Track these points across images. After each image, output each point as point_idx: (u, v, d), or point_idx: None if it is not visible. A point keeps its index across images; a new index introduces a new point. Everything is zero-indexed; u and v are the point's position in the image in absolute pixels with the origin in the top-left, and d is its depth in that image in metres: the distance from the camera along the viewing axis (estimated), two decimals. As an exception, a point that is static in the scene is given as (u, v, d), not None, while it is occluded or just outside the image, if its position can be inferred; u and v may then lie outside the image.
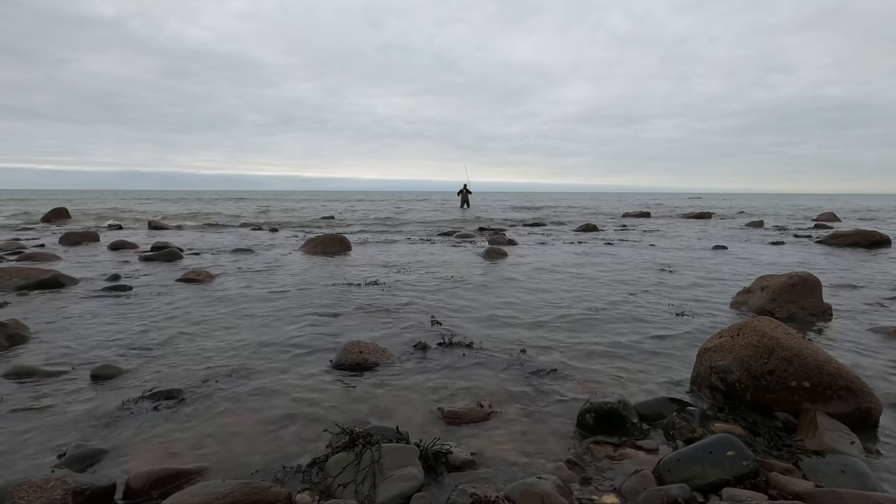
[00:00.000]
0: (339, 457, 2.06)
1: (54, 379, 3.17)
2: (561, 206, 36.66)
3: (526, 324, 4.50)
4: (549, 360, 3.54)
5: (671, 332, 4.24)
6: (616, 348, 3.82)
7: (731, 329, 2.98)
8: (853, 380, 2.55)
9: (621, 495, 1.96)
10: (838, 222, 20.46)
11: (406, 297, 5.63)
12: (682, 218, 23.93)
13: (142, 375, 3.24)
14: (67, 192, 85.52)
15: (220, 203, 38.39)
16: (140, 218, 20.62)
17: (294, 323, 4.51)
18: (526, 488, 1.89)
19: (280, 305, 5.18)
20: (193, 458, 2.26)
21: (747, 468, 1.98)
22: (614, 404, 2.55)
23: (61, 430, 2.52)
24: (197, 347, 3.80)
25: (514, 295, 5.75)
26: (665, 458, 2.10)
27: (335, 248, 9.97)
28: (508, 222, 19.79)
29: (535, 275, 7.21)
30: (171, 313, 4.82)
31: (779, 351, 2.64)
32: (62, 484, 1.85)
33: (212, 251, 9.94)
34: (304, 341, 3.97)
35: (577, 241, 12.44)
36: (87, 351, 3.71)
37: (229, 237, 13.20)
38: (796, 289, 4.85)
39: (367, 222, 19.51)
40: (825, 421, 2.40)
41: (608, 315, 4.82)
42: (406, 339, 4.01)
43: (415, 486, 1.96)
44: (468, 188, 30.18)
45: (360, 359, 3.44)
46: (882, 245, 10.78)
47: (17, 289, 5.64)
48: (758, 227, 17.91)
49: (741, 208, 33.90)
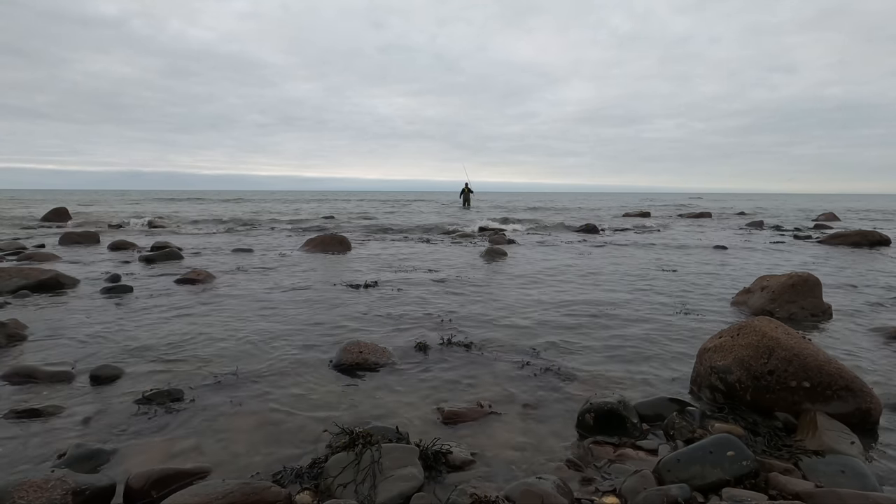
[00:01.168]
0: (339, 457, 2.06)
1: (54, 379, 3.16)
2: (561, 206, 36.65)
3: (525, 324, 4.50)
4: (548, 359, 3.54)
5: (671, 332, 4.24)
6: (616, 348, 3.82)
7: (731, 329, 2.98)
8: (853, 380, 2.55)
9: (621, 495, 1.96)
10: (838, 222, 20.46)
11: (406, 297, 5.63)
12: (682, 218, 23.93)
13: (142, 376, 3.24)
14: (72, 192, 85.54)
15: (220, 203, 38.39)
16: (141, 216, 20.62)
17: (294, 323, 4.51)
18: (526, 488, 1.89)
19: (280, 306, 5.18)
20: (193, 459, 2.26)
21: (747, 468, 1.98)
22: (614, 404, 2.55)
23: (61, 431, 2.52)
24: (197, 348, 3.80)
25: (513, 295, 5.75)
26: (665, 458, 2.10)
27: (335, 248, 9.97)
28: (508, 222, 19.79)
29: (534, 275, 7.21)
30: (171, 314, 4.82)
31: (779, 351, 2.63)
32: (62, 484, 1.85)
33: (212, 251, 9.94)
34: (303, 341, 3.97)
35: (577, 241, 12.44)
36: (87, 351, 3.71)
37: (229, 237, 13.20)
38: (796, 289, 4.85)
39: (368, 222, 19.50)
40: (825, 421, 2.40)
41: (608, 315, 4.82)
42: (406, 339, 4.01)
43: (415, 486, 1.96)
44: (469, 188, 30.71)
45: (360, 359, 3.44)
46: (882, 245, 10.79)
47: (17, 289, 5.63)
48: (758, 227, 17.91)
49: (741, 208, 33.88)
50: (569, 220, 21.63)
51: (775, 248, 10.88)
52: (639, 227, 17.80)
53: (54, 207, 20.32)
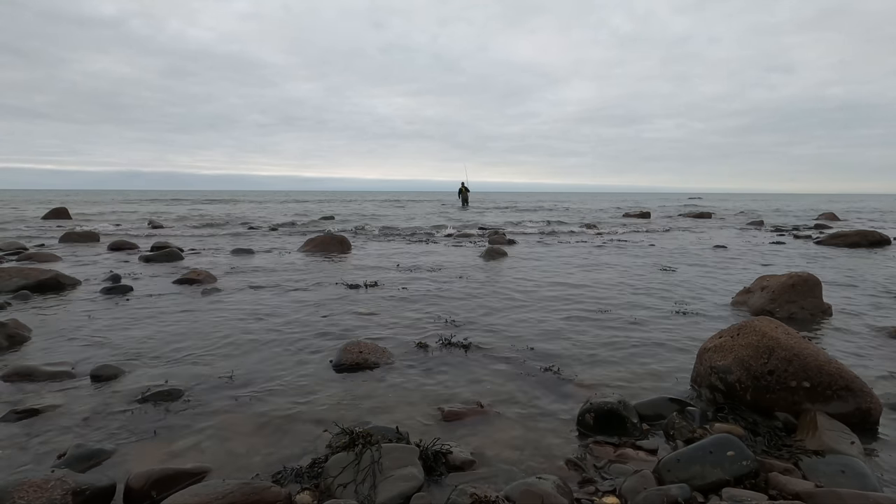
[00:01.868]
0: (339, 457, 2.06)
1: (54, 379, 3.16)
2: (561, 206, 36.67)
3: (525, 324, 4.50)
4: (548, 359, 3.54)
5: (671, 332, 4.24)
6: (615, 348, 3.82)
7: (731, 329, 2.98)
8: (853, 380, 2.55)
9: (621, 495, 1.96)
10: (838, 222, 20.47)
11: (406, 296, 5.63)
12: (682, 218, 23.93)
13: (142, 376, 3.24)
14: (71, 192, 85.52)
15: (220, 203, 38.39)
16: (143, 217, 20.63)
17: (294, 323, 4.51)
18: (526, 488, 1.89)
19: (280, 306, 5.18)
20: (193, 459, 2.26)
21: (747, 468, 1.98)
22: (614, 404, 2.55)
23: (61, 431, 2.52)
24: (196, 348, 3.80)
25: (513, 295, 5.75)
26: (665, 458, 2.10)
27: (335, 249, 9.97)
28: (509, 222, 19.79)
29: (534, 275, 7.21)
30: (171, 314, 4.82)
31: (779, 351, 2.63)
32: (62, 484, 1.85)
33: (212, 251, 9.94)
34: (303, 341, 3.97)
35: (577, 241, 12.44)
36: (88, 351, 3.71)
37: (229, 237, 13.19)
38: (796, 289, 4.85)
39: (368, 222, 19.50)
40: (825, 421, 2.40)
41: (608, 315, 4.82)
42: (406, 339, 4.01)
43: (415, 486, 1.96)
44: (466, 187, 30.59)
45: (360, 359, 3.44)
46: (882, 245, 10.78)
47: (17, 289, 5.63)
48: (758, 226, 17.92)
49: (742, 208, 33.90)
50: (569, 219, 21.64)
51: (775, 248, 10.88)
52: (639, 227, 17.80)
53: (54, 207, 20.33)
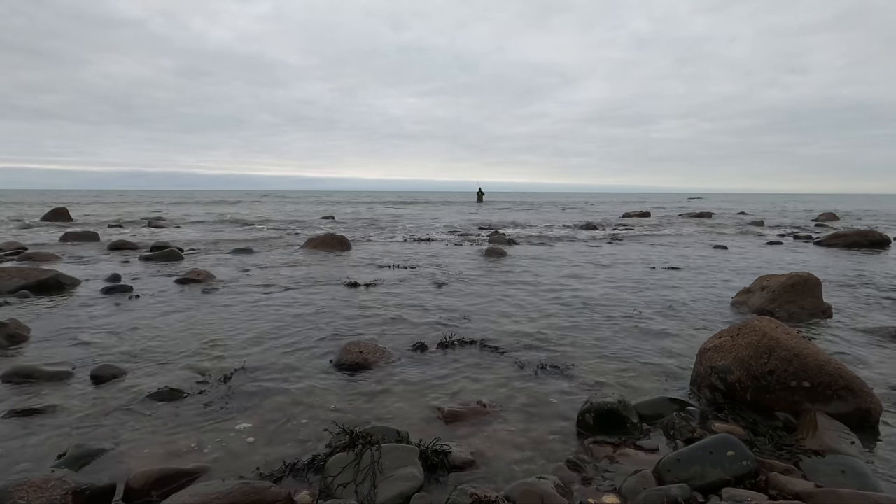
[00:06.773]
0: (339, 457, 2.06)
1: (54, 379, 3.16)
2: (562, 206, 36.66)
3: (525, 323, 4.50)
4: (548, 359, 3.54)
5: (671, 332, 4.24)
6: (616, 348, 3.82)
7: (731, 329, 2.98)
8: (853, 380, 2.55)
9: (621, 495, 1.96)
10: (838, 221, 20.46)
11: (406, 296, 5.62)
12: (683, 218, 23.93)
13: (142, 375, 3.24)
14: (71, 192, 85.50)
15: (221, 203, 38.38)
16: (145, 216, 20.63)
17: (294, 323, 4.51)
18: (526, 488, 1.89)
19: (280, 305, 5.18)
20: (193, 458, 2.26)
21: (747, 468, 1.98)
22: (614, 404, 2.55)
23: (61, 431, 2.52)
24: (196, 348, 3.80)
25: (513, 294, 5.75)
26: (665, 458, 2.10)
27: (336, 248, 9.97)
28: (509, 222, 19.79)
29: (534, 275, 7.20)
30: (171, 314, 4.82)
31: (779, 351, 2.63)
32: (62, 484, 1.85)
33: (212, 251, 9.95)
34: (304, 341, 3.97)
35: (577, 241, 12.44)
36: (88, 351, 3.71)
37: (229, 237, 13.19)
38: (796, 289, 4.84)
39: (369, 222, 19.50)
40: (825, 421, 2.40)
41: (607, 315, 4.82)
42: (406, 339, 4.01)
43: (415, 486, 1.96)
44: (482, 189, 43.04)
45: (360, 359, 3.44)
46: (882, 245, 10.78)
47: (17, 289, 5.63)
48: (758, 226, 17.91)
49: (744, 208, 33.89)
50: (569, 219, 21.63)
51: (775, 248, 10.88)
52: (639, 227, 17.79)
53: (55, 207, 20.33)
